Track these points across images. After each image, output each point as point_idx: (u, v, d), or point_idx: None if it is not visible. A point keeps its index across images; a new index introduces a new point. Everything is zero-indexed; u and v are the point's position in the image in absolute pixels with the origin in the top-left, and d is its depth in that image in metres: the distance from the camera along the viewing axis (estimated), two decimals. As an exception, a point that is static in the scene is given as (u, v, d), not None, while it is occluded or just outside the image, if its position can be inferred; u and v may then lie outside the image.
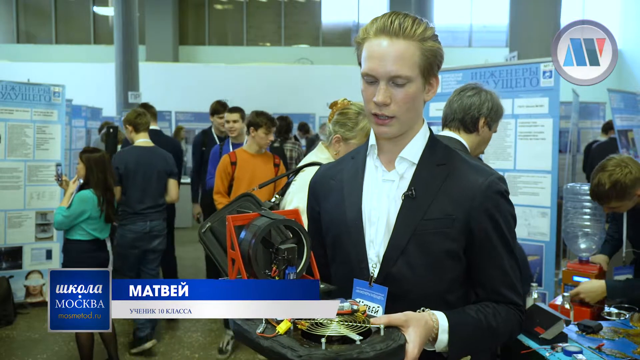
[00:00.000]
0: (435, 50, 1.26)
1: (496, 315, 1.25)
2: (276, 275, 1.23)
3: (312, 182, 1.49)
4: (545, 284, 3.57)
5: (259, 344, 1.10)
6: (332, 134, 2.35)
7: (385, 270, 1.27)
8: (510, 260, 1.29)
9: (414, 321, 1.13)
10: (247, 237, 1.25)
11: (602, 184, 2.47)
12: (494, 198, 1.26)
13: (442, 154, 1.32)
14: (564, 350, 2.00)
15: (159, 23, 16.59)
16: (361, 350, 1.04)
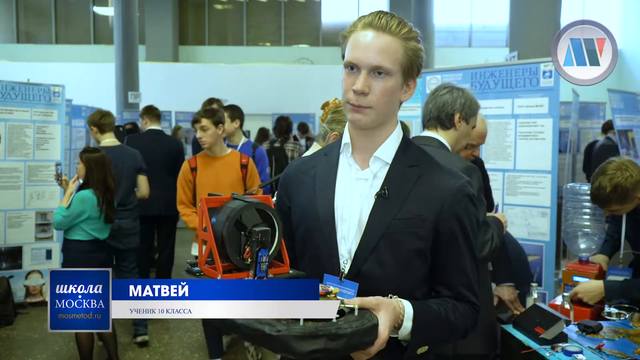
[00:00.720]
0: (417, 51, 1.29)
1: (455, 311, 1.31)
2: (249, 257, 1.24)
3: (283, 176, 1.51)
4: (545, 284, 3.57)
5: (234, 322, 1.11)
6: (328, 132, 2.40)
7: (356, 267, 1.30)
8: (472, 262, 1.35)
9: (384, 305, 1.18)
10: (221, 218, 1.26)
11: (602, 187, 2.47)
12: (463, 201, 1.31)
13: (414, 155, 1.36)
14: (564, 350, 2.00)
15: (159, 23, 16.60)
16: (339, 326, 1.07)
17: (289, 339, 1.04)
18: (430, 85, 4.11)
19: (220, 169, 3.67)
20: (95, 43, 17.38)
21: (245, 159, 3.76)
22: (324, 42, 17.63)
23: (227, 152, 3.78)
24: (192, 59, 17.11)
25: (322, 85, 13.35)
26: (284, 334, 1.04)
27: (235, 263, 1.25)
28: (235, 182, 3.61)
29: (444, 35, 16.96)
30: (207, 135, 3.63)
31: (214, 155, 3.71)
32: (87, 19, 17.61)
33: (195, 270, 1.30)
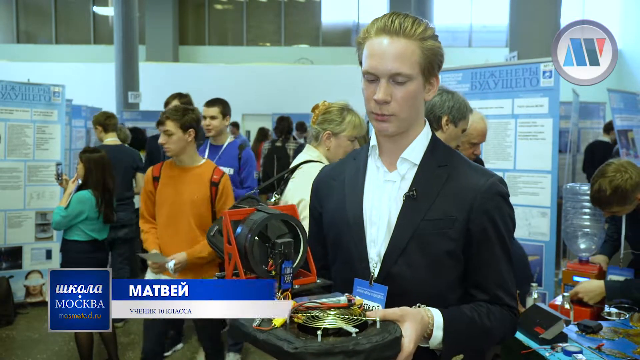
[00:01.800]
0: (435, 49, 1.27)
1: (490, 315, 1.25)
2: (272, 270, 1.23)
3: (315, 182, 1.50)
4: (545, 284, 3.57)
5: (255, 337, 1.11)
6: (320, 133, 2.45)
7: (385, 270, 1.27)
8: (506, 263, 1.29)
9: (410, 316, 1.14)
10: (244, 231, 1.26)
11: (602, 190, 2.47)
12: (494, 200, 1.27)
13: (443, 155, 1.33)
14: (564, 350, 2.00)
15: (159, 23, 16.60)
16: (357, 342, 1.05)
17: (305, 355, 1.03)
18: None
19: (185, 183, 3.01)
20: (95, 43, 17.39)
21: (218, 175, 3.05)
22: (324, 42, 17.63)
23: (199, 163, 3.09)
24: (192, 59, 17.12)
25: (322, 85, 13.38)
26: (301, 351, 1.03)
27: (259, 275, 1.24)
28: (200, 202, 2.98)
29: (444, 35, 16.94)
30: (171, 142, 2.95)
31: (182, 166, 3.05)
32: (87, 19, 17.61)
33: None
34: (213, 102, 4.08)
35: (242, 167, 3.85)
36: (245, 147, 4.02)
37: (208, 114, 3.97)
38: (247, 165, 3.94)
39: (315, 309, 1.13)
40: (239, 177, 3.88)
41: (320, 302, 1.15)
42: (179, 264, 2.92)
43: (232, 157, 3.89)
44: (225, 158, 3.88)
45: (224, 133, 4.03)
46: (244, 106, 14.16)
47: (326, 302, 1.15)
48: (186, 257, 2.94)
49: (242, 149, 3.96)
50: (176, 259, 2.91)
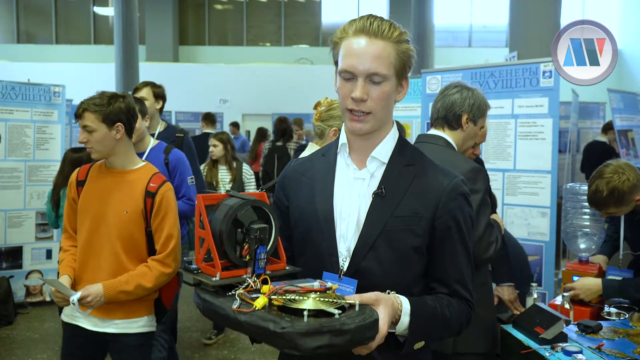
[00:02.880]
0: (409, 52, 1.32)
1: (449, 306, 1.33)
2: (247, 255, 1.24)
3: (281, 176, 1.53)
4: (545, 284, 3.57)
5: (237, 319, 1.11)
6: (326, 130, 2.41)
7: (355, 265, 1.32)
8: (466, 259, 1.37)
9: (383, 300, 1.20)
10: (218, 216, 1.27)
11: (599, 191, 2.48)
12: (457, 200, 1.34)
13: (410, 154, 1.39)
14: (564, 350, 2.00)
15: (159, 23, 16.61)
16: (343, 322, 1.07)
17: (293, 335, 1.04)
18: (431, 85, 4.12)
19: (113, 191, 2.32)
20: (95, 43, 17.39)
21: (156, 183, 2.33)
22: (324, 42, 17.63)
23: (136, 167, 2.39)
24: (192, 59, 17.12)
25: (322, 85, 13.34)
26: (288, 331, 1.04)
27: (233, 260, 1.26)
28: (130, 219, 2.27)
29: (444, 35, 16.96)
30: (93, 140, 2.30)
31: (112, 168, 2.37)
32: (87, 19, 17.62)
33: (193, 268, 1.30)
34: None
35: (172, 174, 3.08)
36: (172, 149, 3.17)
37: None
38: (177, 170, 3.12)
39: (294, 292, 1.15)
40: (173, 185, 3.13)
41: (299, 285, 1.17)
42: (89, 297, 2.15)
43: (157, 164, 2.88)
44: None
45: (145, 137, 3.12)
46: (244, 106, 14.18)
47: (304, 286, 1.17)
48: (101, 291, 2.17)
49: (169, 151, 3.14)
50: (86, 291, 2.15)
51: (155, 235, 2.31)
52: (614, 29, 10.40)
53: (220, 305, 1.16)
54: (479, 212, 2.07)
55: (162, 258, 2.29)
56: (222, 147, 4.65)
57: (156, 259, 2.29)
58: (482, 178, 2.14)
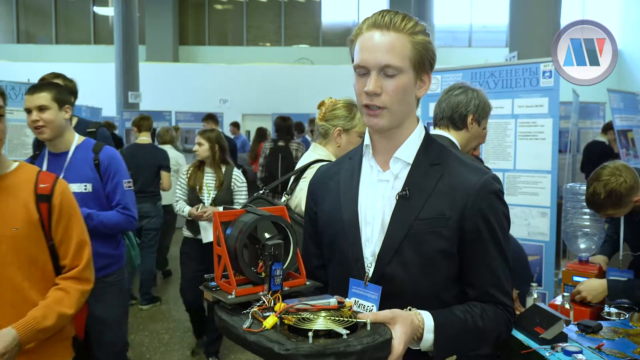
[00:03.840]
0: (425, 43, 1.26)
1: (483, 315, 1.26)
2: (262, 272, 1.23)
3: (310, 183, 1.50)
4: (545, 284, 3.57)
5: (246, 338, 1.11)
6: (330, 129, 2.39)
7: (380, 270, 1.28)
8: (501, 261, 1.29)
9: (400, 319, 1.14)
10: (234, 232, 1.26)
11: (597, 193, 2.48)
12: (487, 198, 1.26)
13: (436, 153, 1.33)
14: (564, 350, 2.00)
15: (159, 23, 16.61)
16: (348, 343, 1.04)
17: (297, 357, 1.03)
18: (431, 85, 4.11)
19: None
20: (95, 43, 17.39)
21: (47, 182, 1.86)
22: (324, 42, 17.63)
23: (10, 169, 1.85)
24: (192, 59, 17.12)
25: (322, 85, 13.37)
26: (292, 353, 1.03)
27: (249, 277, 1.24)
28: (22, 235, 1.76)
29: (444, 35, 16.96)
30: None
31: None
32: (87, 19, 17.61)
33: (212, 285, 1.29)
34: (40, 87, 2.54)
35: (103, 177, 2.63)
36: (103, 146, 2.69)
37: (33, 104, 2.47)
38: (110, 172, 2.65)
39: (306, 311, 1.13)
40: (104, 192, 2.64)
41: (311, 303, 1.15)
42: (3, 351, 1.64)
43: (85, 165, 2.58)
44: (75, 170, 2.57)
45: (66, 132, 2.60)
46: (244, 106, 14.18)
47: (316, 304, 1.15)
48: (16, 337, 1.67)
49: (99, 149, 2.66)
50: None
51: (61, 248, 1.84)
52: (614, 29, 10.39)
53: (232, 324, 1.16)
54: None
55: (77, 273, 1.83)
56: (208, 147, 4.09)
57: (70, 277, 1.82)
58: None
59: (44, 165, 2.58)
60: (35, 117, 2.40)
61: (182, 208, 4.07)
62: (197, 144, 4.07)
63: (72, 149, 2.61)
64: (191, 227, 4.04)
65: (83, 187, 2.59)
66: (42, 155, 2.64)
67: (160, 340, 4.53)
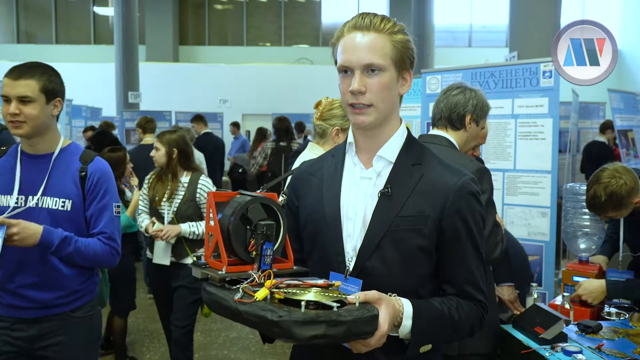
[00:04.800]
0: (405, 42, 1.31)
1: (459, 308, 1.31)
2: (253, 250, 1.26)
3: (293, 178, 1.54)
4: (545, 284, 3.56)
5: (237, 308, 1.13)
6: (328, 129, 2.40)
7: (360, 264, 1.32)
8: (477, 259, 1.35)
9: (385, 300, 1.20)
10: (227, 212, 1.29)
11: (598, 196, 2.48)
12: (466, 198, 1.32)
13: (418, 153, 1.37)
14: (564, 350, 2.00)
15: (159, 23, 16.60)
16: (339, 314, 1.09)
17: (290, 324, 1.06)
18: (431, 85, 4.12)
19: None
20: (95, 43, 17.39)
21: None
22: (324, 42, 17.63)
23: None
24: (192, 59, 17.12)
25: (322, 85, 13.36)
26: (285, 319, 1.06)
27: (240, 256, 1.27)
28: None
29: (444, 35, 16.96)
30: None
31: None
32: (87, 19, 17.61)
33: (202, 263, 1.32)
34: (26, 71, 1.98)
35: (88, 195, 2.08)
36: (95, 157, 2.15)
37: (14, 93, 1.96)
38: (98, 188, 2.10)
39: (296, 287, 1.17)
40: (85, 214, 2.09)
41: (302, 280, 1.20)
42: None
43: (67, 176, 2.07)
44: (54, 180, 2.05)
45: (49, 131, 2.08)
46: (244, 106, 14.18)
47: (306, 282, 1.20)
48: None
49: (89, 158, 2.13)
50: None
51: None
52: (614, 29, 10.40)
53: (223, 297, 1.18)
54: (486, 212, 2.07)
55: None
56: (165, 152, 3.38)
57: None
58: (488, 178, 2.15)
59: (17, 168, 2.04)
60: (14, 109, 1.91)
61: (140, 223, 3.54)
62: (155, 149, 3.45)
63: (56, 151, 2.08)
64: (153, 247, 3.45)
65: (61, 203, 2.03)
66: (11, 153, 2.10)
67: (161, 340, 4.53)
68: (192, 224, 3.35)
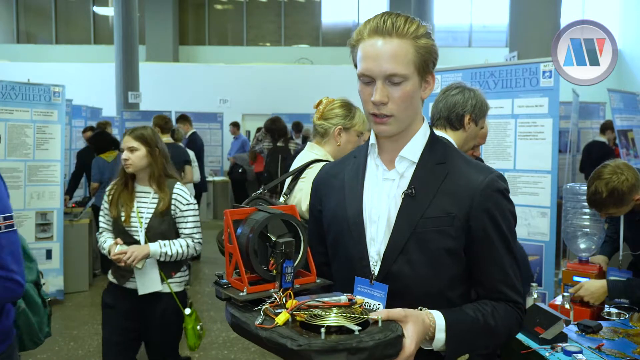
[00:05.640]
0: (429, 47, 1.26)
1: (494, 313, 1.26)
2: (274, 269, 1.23)
3: (315, 181, 1.50)
4: (545, 284, 3.57)
5: (258, 335, 1.11)
6: (330, 128, 2.38)
7: (385, 268, 1.28)
8: (510, 258, 1.29)
9: (412, 317, 1.14)
10: (245, 230, 1.26)
11: (599, 192, 2.47)
12: (493, 196, 1.27)
13: (442, 152, 1.33)
14: (564, 350, 2.00)
15: (159, 23, 16.60)
16: (360, 339, 1.05)
17: (309, 353, 1.03)
18: (430, 85, 4.11)
19: None
20: (95, 43, 17.38)
21: None
22: (324, 42, 17.63)
23: None
24: (192, 59, 17.11)
25: (322, 85, 13.37)
26: (305, 349, 1.03)
27: (260, 275, 1.25)
28: None
29: (444, 35, 16.96)
30: None
31: None
32: (87, 19, 17.60)
33: (223, 283, 1.30)
34: None
35: None
36: None
37: None
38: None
39: (317, 308, 1.13)
40: None
41: (322, 300, 1.15)
42: None
43: None
44: None
45: None
46: (244, 106, 14.17)
47: (328, 301, 1.15)
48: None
49: None
50: None
51: None
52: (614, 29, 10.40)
53: (245, 320, 1.16)
54: None
55: None
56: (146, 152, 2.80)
57: None
58: None
59: None
60: None
61: (102, 244, 2.87)
62: (128, 149, 2.78)
63: None
64: (116, 270, 2.82)
65: None
66: None
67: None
68: (163, 242, 2.75)
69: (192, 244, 2.85)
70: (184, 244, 2.82)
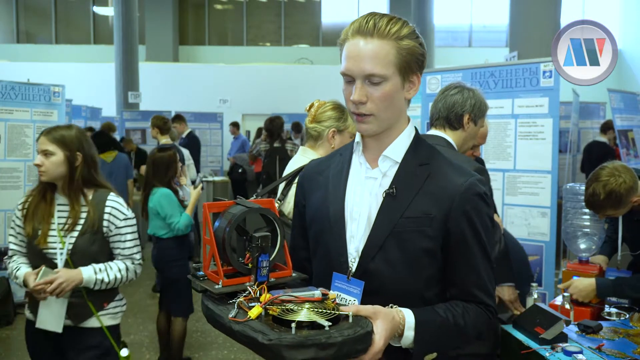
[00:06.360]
0: (412, 48, 1.26)
1: (465, 315, 1.28)
2: (249, 263, 1.25)
3: (300, 176, 1.52)
4: (545, 284, 3.57)
5: (231, 327, 1.13)
6: (324, 130, 2.38)
7: (363, 265, 1.30)
8: (484, 261, 1.31)
9: (381, 314, 1.16)
10: (222, 224, 1.28)
11: (597, 194, 2.48)
12: (473, 200, 1.29)
13: (425, 153, 1.35)
14: (564, 350, 2.00)
15: (159, 23, 16.60)
16: (329, 335, 1.07)
17: (279, 347, 1.05)
18: (431, 85, 4.11)
19: None
20: (95, 43, 17.39)
21: None
22: (324, 42, 17.63)
23: None
24: (192, 59, 17.12)
25: (322, 85, 13.37)
26: (275, 343, 1.05)
27: (236, 268, 1.26)
28: None
29: (444, 35, 16.96)
30: None
31: None
32: (87, 19, 17.61)
33: (200, 275, 1.31)
34: None
35: None
36: None
37: None
38: None
39: (290, 302, 1.15)
40: None
41: (295, 295, 1.18)
42: None
43: None
44: None
45: None
46: (244, 106, 14.17)
47: (300, 296, 1.17)
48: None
49: None
50: None
51: None
52: (614, 29, 10.40)
53: (219, 313, 1.18)
54: None
55: None
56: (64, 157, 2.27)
57: None
58: (486, 178, 2.15)
59: None
60: None
61: (15, 271, 2.30)
62: (42, 153, 2.27)
63: None
64: (34, 304, 2.29)
65: None
66: None
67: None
68: (98, 267, 2.25)
69: (133, 267, 2.33)
70: (123, 268, 2.29)
